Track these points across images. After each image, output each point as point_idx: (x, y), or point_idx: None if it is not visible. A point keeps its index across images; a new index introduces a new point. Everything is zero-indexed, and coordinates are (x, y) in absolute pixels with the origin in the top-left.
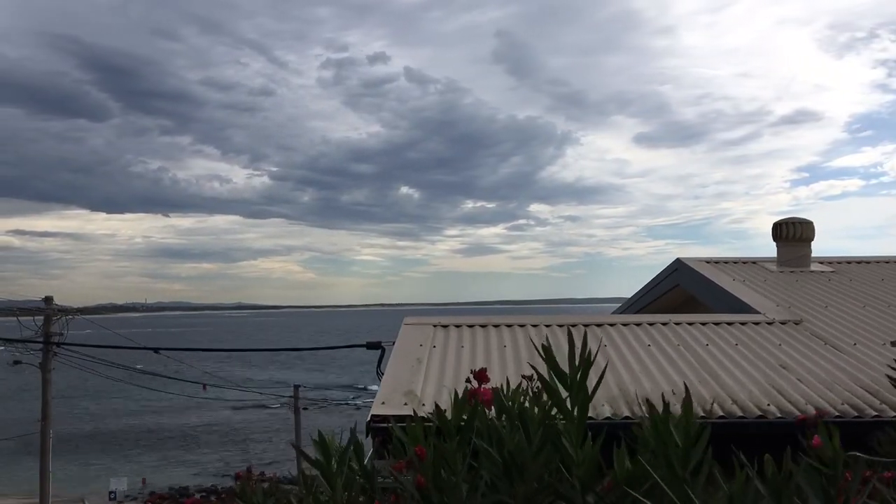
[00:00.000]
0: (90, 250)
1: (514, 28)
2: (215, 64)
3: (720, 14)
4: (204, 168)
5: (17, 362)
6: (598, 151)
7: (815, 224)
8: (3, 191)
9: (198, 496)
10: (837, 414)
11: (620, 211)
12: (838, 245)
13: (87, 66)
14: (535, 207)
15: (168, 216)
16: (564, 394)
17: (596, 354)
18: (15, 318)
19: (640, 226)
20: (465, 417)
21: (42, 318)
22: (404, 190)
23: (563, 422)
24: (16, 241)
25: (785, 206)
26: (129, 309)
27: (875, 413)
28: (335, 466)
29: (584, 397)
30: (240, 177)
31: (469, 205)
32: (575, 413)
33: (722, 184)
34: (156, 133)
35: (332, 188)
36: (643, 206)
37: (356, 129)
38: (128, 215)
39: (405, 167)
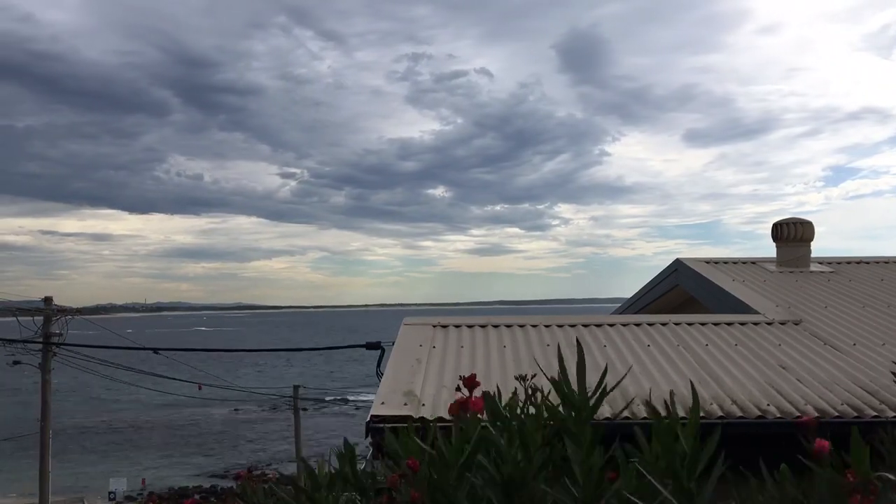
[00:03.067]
0: (108, 251)
1: (605, 26)
2: (291, 62)
3: (829, 10)
4: (247, 167)
5: (16, 363)
6: (643, 149)
7: (839, 222)
8: (40, 193)
9: (197, 496)
10: (837, 414)
11: (649, 210)
12: (857, 245)
13: (162, 61)
14: (564, 207)
15: (199, 216)
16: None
17: (604, 371)
18: (14, 319)
19: (663, 226)
20: (466, 451)
21: (41, 318)
22: (438, 190)
23: (570, 431)
24: (33, 242)
25: (814, 205)
26: (129, 309)
27: (874, 413)
28: (324, 495)
29: (589, 413)
30: (279, 175)
31: (499, 205)
32: (583, 429)
33: (761, 183)
34: (213, 129)
35: (368, 186)
36: (671, 205)
37: (412, 125)
38: (159, 215)
39: (447, 165)
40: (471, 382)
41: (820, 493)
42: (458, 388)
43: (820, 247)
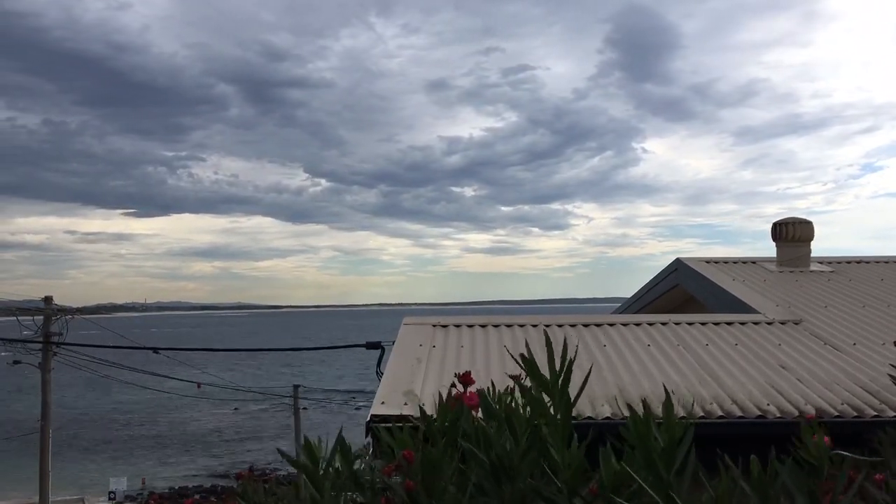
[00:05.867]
0: (125, 250)
1: (695, 19)
2: (365, 59)
3: None
4: (286, 165)
5: (16, 362)
6: (688, 146)
7: (863, 221)
8: (73, 191)
9: (197, 496)
10: (837, 414)
11: (674, 209)
12: (878, 245)
13: (236, 56)
14: (592, 206)
15: (227, 215)
16: (547, 399)
17: (575, 354)
18: (14, 318)
19: (679, 225)
20: (449, 421)
21: (41, 317)
22: (471, 188)
23: (548, 426)
24: (49, 241)
25: (842, 204)
26: (129, 309)
27: (875, 413)
28: (322, 470)
29: (566, 401)
30: (313, 174)
31: (528, 204)
32: (558, 417)
33: (798, 181)
34: (267, 125)
35: (402, 184)
36: (698, 204)
37: (467, 122)
38: (187, 215)
39: (487, 163)
40: (467, 379)
41: (784, 482)
42: (453, 385)
43: (840, 246)
